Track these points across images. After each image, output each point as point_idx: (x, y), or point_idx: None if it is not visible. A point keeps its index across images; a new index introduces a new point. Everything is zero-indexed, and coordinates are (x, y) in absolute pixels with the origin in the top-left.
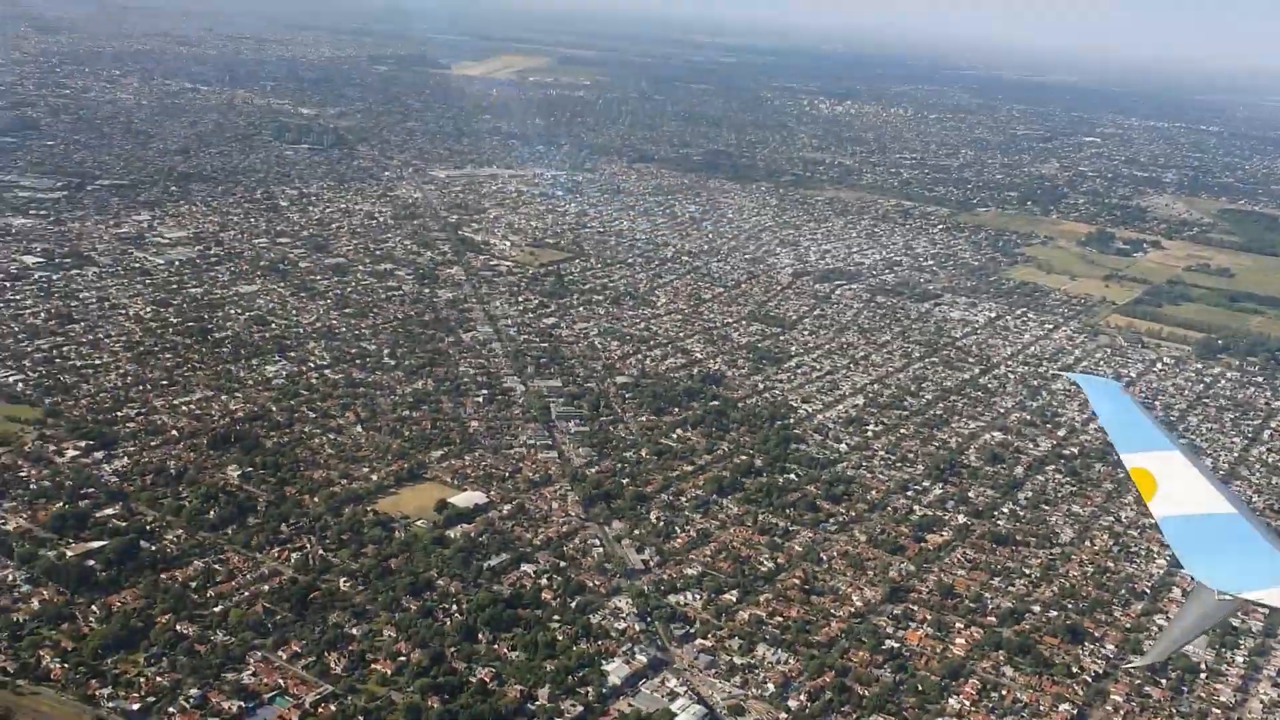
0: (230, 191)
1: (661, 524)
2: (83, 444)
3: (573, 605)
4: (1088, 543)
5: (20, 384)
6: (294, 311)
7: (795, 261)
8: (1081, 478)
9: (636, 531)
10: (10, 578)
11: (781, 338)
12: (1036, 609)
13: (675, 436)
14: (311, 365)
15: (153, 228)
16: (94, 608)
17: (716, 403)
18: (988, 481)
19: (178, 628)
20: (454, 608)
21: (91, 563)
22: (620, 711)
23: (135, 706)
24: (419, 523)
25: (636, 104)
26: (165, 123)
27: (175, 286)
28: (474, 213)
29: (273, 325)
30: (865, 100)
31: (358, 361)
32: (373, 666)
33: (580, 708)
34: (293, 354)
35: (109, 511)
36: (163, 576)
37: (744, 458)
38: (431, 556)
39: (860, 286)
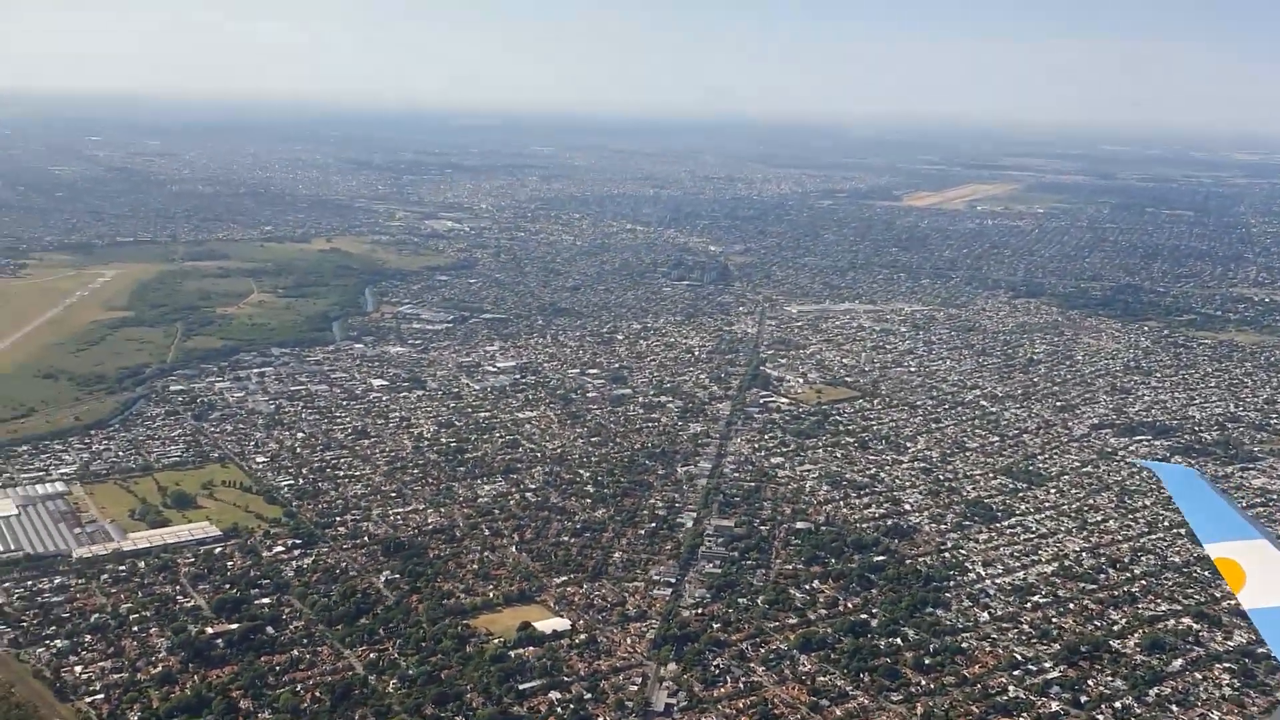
0: (584, 325)
1: (716, 672)
2: (289, 543)
3: None
4: None
5: (287, 488)
6: (548, 438)
7: (1110, 411)
8: (1255, 682)
9: (686, 675)
10: (158, 644)
11: (1020, 495)
12: None
13: (808, 588)
14: (521, 488)
15: (492, 357)
16: (195, 678)
17: (882, 558)
18: (1125, 671)
19: (241, 704)
20: None
21: (219, 641)
22: None
23: None
24: (496, 641)
25: (1079, 233)
26: (579, 261)
27: (470, 410)
28: (792, 348)
29: (520, 449)
30: None
31: (562, 487)
32: None
33: None
34: (514, 475)
35: (264, 600)
36: (261, 659)
37: (861, 616)
38: (479, 672)
39: (1165, 443)
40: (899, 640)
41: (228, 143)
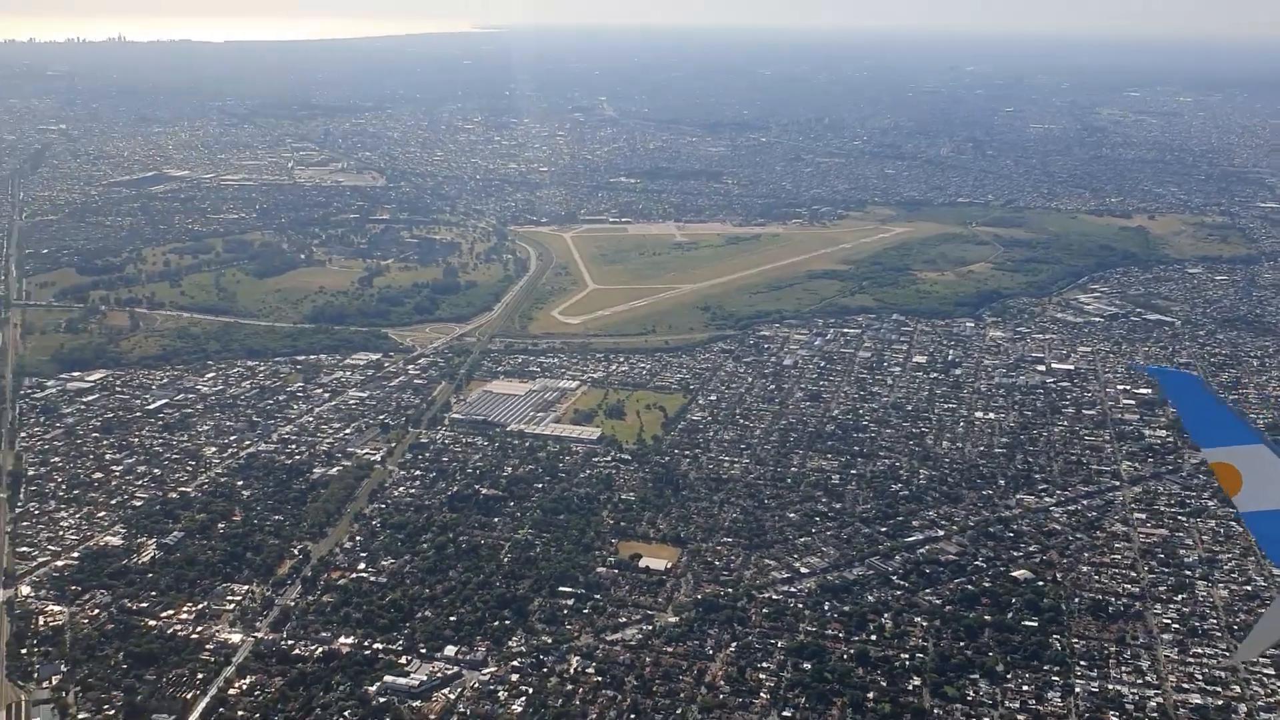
0: (1245, 345)
1: (694, 634)
2: (620, 458)
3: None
4: None
5: (688, 422)
6: (957, 440)
7: None
8: None
9: (670, 627)
10: (445, 488)
11: None
12: None
13: (905, 617)
14: (843, 470)
15: (1066, 358)
16: (429, 515)
17: (1033, 624)
18: None
19: (423, 538)
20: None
21: (473, 500)
22: None
23: None
24: (612, 559)
25: None
26: None
27: (940, 400)
28: None
29: (913, 442)
30: None
31: (875, 480)
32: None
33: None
34: (861, 460)
35: (538, 485)
36: (472, 518)
37: (903, 655)
38: (558, 570)
39: None
40: (885, 684)
41: None
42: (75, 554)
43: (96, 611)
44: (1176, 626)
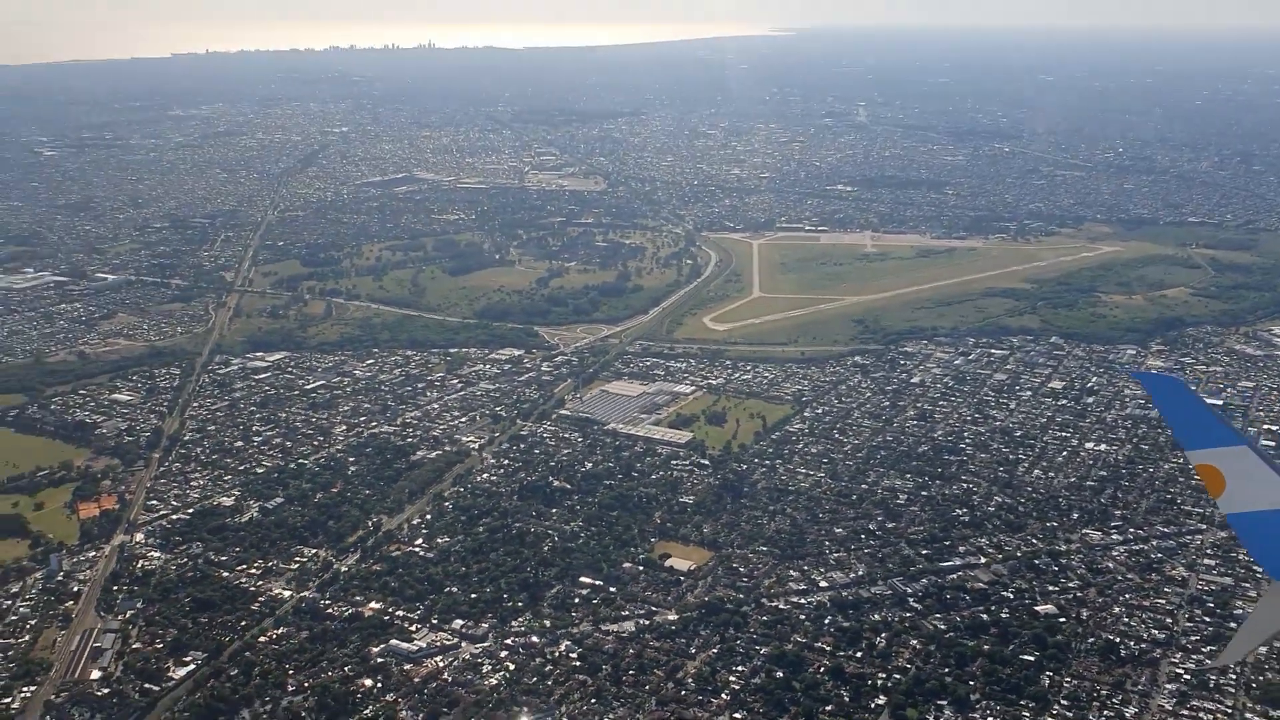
0: None
1: (685, 634)
2: (698, 463)
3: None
4: None
5: (782, 433)
6: (1055, 469)
7: None
8: None
9: (666, 623)
10: (520, 479)
11: None
12: None
13: (904, 639)
14: (925, 486)
15: (1217, 391)
16: (495, 499)
17: (1032, 659)
18: None
19: (486, 519)
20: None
21: (544, 490)
22: None
23: None
24: (641, 556)
25: None
26: None
27: (1055, 430)
28: None
29: (1001, 466)
30: None
31: (943, 502)
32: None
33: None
34: (940, 481)
35: (610, 482)
36: (530, 506)
37: (879, 675)
38: (591, 561)
39: None
40: (847, 699)
41: None
42: (190, 510)
43: (185, 561)
44: (1188, 678)
